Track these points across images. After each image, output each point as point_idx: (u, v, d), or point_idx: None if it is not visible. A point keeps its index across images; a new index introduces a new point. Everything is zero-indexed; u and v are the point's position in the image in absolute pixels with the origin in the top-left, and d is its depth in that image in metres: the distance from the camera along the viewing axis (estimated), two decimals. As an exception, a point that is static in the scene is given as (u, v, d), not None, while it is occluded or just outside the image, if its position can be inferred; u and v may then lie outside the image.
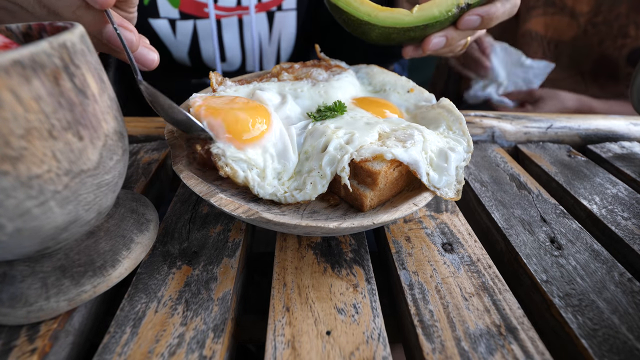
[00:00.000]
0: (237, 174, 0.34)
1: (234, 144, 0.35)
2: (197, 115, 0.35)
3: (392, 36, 0.48)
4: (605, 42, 0.95)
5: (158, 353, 0.27)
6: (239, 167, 0.35)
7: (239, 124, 0.36)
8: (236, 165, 0.34)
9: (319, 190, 0.34)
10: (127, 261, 0.32)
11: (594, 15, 0.95)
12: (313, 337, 0.28)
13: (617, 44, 0.94)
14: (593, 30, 0.96)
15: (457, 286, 0.33)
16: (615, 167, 0.53)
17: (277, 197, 0.35)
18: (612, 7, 0.93)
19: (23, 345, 0.27)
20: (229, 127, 0.35)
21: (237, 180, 0.34)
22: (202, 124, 0.35)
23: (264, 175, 0.35)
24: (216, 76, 0.45)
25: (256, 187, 0.34)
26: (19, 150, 0.21)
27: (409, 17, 0.46)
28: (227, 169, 0.34)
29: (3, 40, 0.26)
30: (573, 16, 0.98)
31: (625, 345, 0.28)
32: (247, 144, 0.36)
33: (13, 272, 0.29)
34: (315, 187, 0.34)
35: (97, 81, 0.26)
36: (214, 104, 0.37)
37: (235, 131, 0.35)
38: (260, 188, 0.35)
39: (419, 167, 0.35)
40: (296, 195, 0.35)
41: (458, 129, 0.41)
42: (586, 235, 0.39)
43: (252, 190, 0.34)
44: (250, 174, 0.35)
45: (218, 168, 0.34)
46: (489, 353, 0.27)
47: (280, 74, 0.49)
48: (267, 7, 0.71)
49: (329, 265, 0.34)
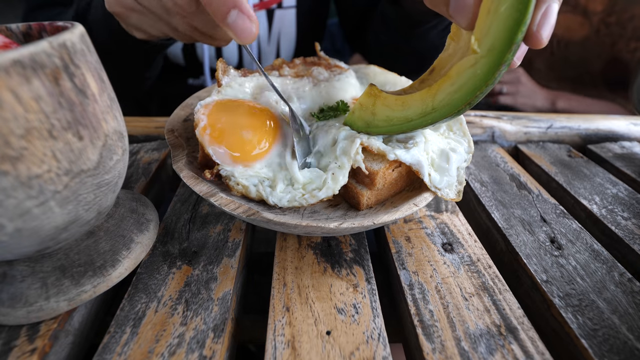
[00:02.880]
0: (249, 189, 0.34)
1: (241, 163, 0.35)
2: (202, 141, 0.35)
3: None
4: (618, 44, 0.92)
5: (158, 353, 0.27)
6: (250, 182, 0.35)
7: (244, 145, 0.35)
8: (247, 181, 0.35)
9: (341, 181, 0.34)
10: (127, 261, 0.32)
11: (607, 15, 0.92)
12: (313, 337, 0.28)
13: (630, 47, 0.91)
14: (606, 31, 0.93)
15: (457, 286, 0.33)
16: (615, 167, 0.53)
17: (297, 201, 0.34)
18: (626, 7, 0.89)
19: (23, 345, 0.27)
20: (234, 151, 0.35)
21: (250, 196, 0.34)
22: (208, 151, 0.35)
23: (275, 185, 0.35)
24: (222, 64, 0.43)
25: (270, 197, 0.34)
26: (19, 150, 0.21)
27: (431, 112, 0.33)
28: (239, 187, 0.34)
29: (3, 40, 0.26)
30: (586, 15, 0.95)
31: (625, 345, 0.28)
32: (254, 160, 0.36)
33: (13, 272, 0.29)
34: (336, 179, 0.34)
35: (97, 81, 0.26)
36: (218, 122, 0.36)
37: (241, 153, 0.35)
38: (274, 198, 0.34)
39: (422, 167, 0.35)
40: (317, 194, 0.34)
41: (458, 129, 0.41)
42: (586, 235, 0.39)
43: (268, 201, 0.34)
44: (262, 186, 0.35)
45: (230, 188, 0.34)
46: (489, 353, 0.27)
47: (282, 67, 0.49)
48: (267, 5, 0.71)
49: (329, 265, 0.34)
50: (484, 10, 0.27)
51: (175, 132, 0.41)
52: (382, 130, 0.35)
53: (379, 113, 0.35)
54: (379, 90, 0.36)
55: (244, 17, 0.32)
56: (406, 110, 0.34)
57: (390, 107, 0.35)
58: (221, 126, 0.36)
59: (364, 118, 0.36)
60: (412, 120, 0.33)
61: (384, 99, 0.35)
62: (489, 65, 0.28)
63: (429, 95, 0.32)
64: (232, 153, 0.35)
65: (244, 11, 0.32)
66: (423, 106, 0.32)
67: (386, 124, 0.35)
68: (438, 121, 0.32)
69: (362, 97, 0.37)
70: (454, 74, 0.30)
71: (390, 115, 0.35)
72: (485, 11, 0.27)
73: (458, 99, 0.30)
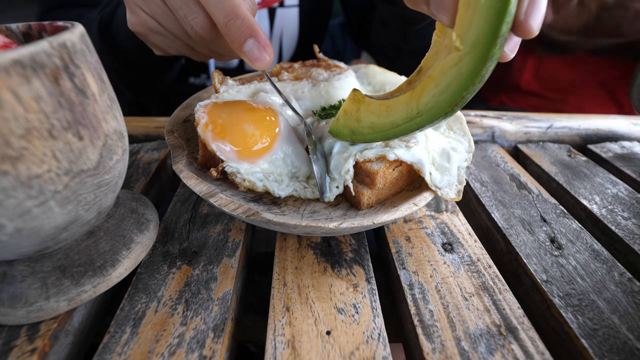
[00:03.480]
0: (256, 184, 0.36)
1: (246, 160, 0.36)
2: (204, 137, 0.35)
3: None
4: (623, 25, 0.87)
5: (158, 353, 0.27)
6: (256, 178, 0.36)
7: (247, 139, 0.36)
8: (253, 177, 0.36)
9: (335, 192, 0.36)
10: (127, 261, 0.32)
11: None
12: (313, 337, 0.28)
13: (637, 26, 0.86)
14: (606, 15, 0.89)
15: (457, 286, 0.33)
16: (615, 167, 0.53)
17: (297, 192, 0.36)
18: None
19: (23, 345, 0.27)
20: (237, 146, 0.36)
21: (257, 190, 0.36)
22: (212, 148, 0.35)
23: (282, 179, 0.37)
24: (218, 75, 0.45)
25: (276, 190, 0.36)
26: (19, 150, 0.21)
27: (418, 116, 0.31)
28: (246, 183, 0.35)
29: (3, 40, 0.26)
30: (582, 4, 0.94)
31: (625, 345, 0.28)
32: (259, 156, 0.36)
33: (13, 272, 0.29)
34: (330, 191, 0.36)
35: (97, 81, 0.26)
36: (219, 118, 0.37)
37: (244, 148, 0.36)
38: (280, 190, 0.36)
39: (423, 166, 0.35)
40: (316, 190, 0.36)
41: (459, 128, 0.41)
42: (586, 235, 0.39)
43: (273, 194, 0.36)
44: (268, 181, 0.36)
45: (237, 185, 0.36)
46: (489, 353, 0.27)
47: (280, 73, 0.49)
48: (269, 3, 0.70)
49: (329, 265, 0.34)
50: (463, 3, 0.25)
51: (175, 132, 0.41)
52: (367, 138, 0.33)
53: (363, 119, 0.34)
54: (363, 95, 0.34)
55: (260, 47, 0.33)
56: (391, 115, 0.32)
57: (374, 112, 0.33)
58: (222, 122, 0.36)
59: (349, 125, 0.35)
60: (398, 126, 0.31)
61: (368, 104, 0.33)
62: (474, 62, 0.26)
63: (413, 98, 0.30)
64: (236, 147, 0.35)
65: (260, 41, 0.33)
66: (408, 110, 0.31)
67: (371, 130, 0.33)
68: (425, 126, 0.30)
69: (345, 103, 0.35)
70: (437, 74, 0.28)
71: (375, 121, 0.33)
72: (464, 4, 0.25)
73: (444, 101, 0.28)
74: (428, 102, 0.29)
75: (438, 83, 0.28)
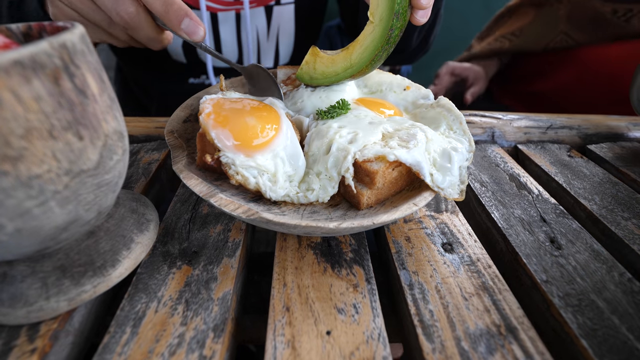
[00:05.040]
0: (248, 180, 0.34)
1: (242, 152, 0.35)
2: (205, 125, 0.35)
3: None
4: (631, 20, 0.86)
5: (158, 353, 0.27)
6: (250, 174, 0.35)
7: (247, 131, 0.36)
8: (247, 172, 0.34)
9: (330, 192, 0.36)
10: (127, 261, 0.32)
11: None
12: (313, 337, 0.28)
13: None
14: None
15: (457, 286, 0.33)
16: (615, 167, 0.53)
17: (290, 197, 0.36)
18: None
19: (23, 345, 0.27)
20: (236, 137, 0.35)
21: (248, 187, 0.34)
22: (211, 135, 0.35)
23: (275, 180, 0.35)
24: (223, 82, 0.47)
25: (268, 191, 0.35)
26: (19, 150, 0.21)
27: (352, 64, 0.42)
28: (238, 177, 0.34)
29: (3, 40, 0.26)
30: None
31: (625, 345, 0.28)
32: (256, 150, 0.36)
33: (13, 272, 0.29)
34: (325, 190, 0.36)
35: (97, 81, 0.26)
36: (223, 110, 0.37)
37: (243, 139, 0.35)
38: (272, 192, 0.35)
39: (422, 169, 0.35)
40: (309, 195, 0.36)
41: (459, 128, 0.41)
42: (586, 235, 0.39)
43: (265, 195, 0.35)
44: (262, 179, 0.35)
45: (229, 177, 0.34)
46: (489, 353, 0.27)
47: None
48: (265, 1, 0.71)
49: (329, 265, 0.34)
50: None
51: (175, 133, 0.41)
52: (320, 82, 0.45)
53: (317, 69, 0.45)
54: (318, 51, 0.45)
55: (194, 23, 0.41)
56: (334, 66, 0.44)
57: (324, 64, 0.45)
58: (225, 113, 0.37)
59: (308, 72, 0.46)
60: (339, 74, 0.43)
61: (321, 58, 0.45)
62: (380, 31, 0.39)
63: (347, 55, 0.43)
64: (235, 137, 0.35)
65: (193, 19, 0.41)
66: (345, 63, 0.43)
67: (322, 76, 0.45)
68: (356, 73, 0.42)
69: (307, 56, 0.46)
70: (361, 39, 0.41)
71: (324, 70, 0.45)
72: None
73: (366, 57, 0.41)
74: (356, 57, 0.42)
75: (362, 45, 0.41)
